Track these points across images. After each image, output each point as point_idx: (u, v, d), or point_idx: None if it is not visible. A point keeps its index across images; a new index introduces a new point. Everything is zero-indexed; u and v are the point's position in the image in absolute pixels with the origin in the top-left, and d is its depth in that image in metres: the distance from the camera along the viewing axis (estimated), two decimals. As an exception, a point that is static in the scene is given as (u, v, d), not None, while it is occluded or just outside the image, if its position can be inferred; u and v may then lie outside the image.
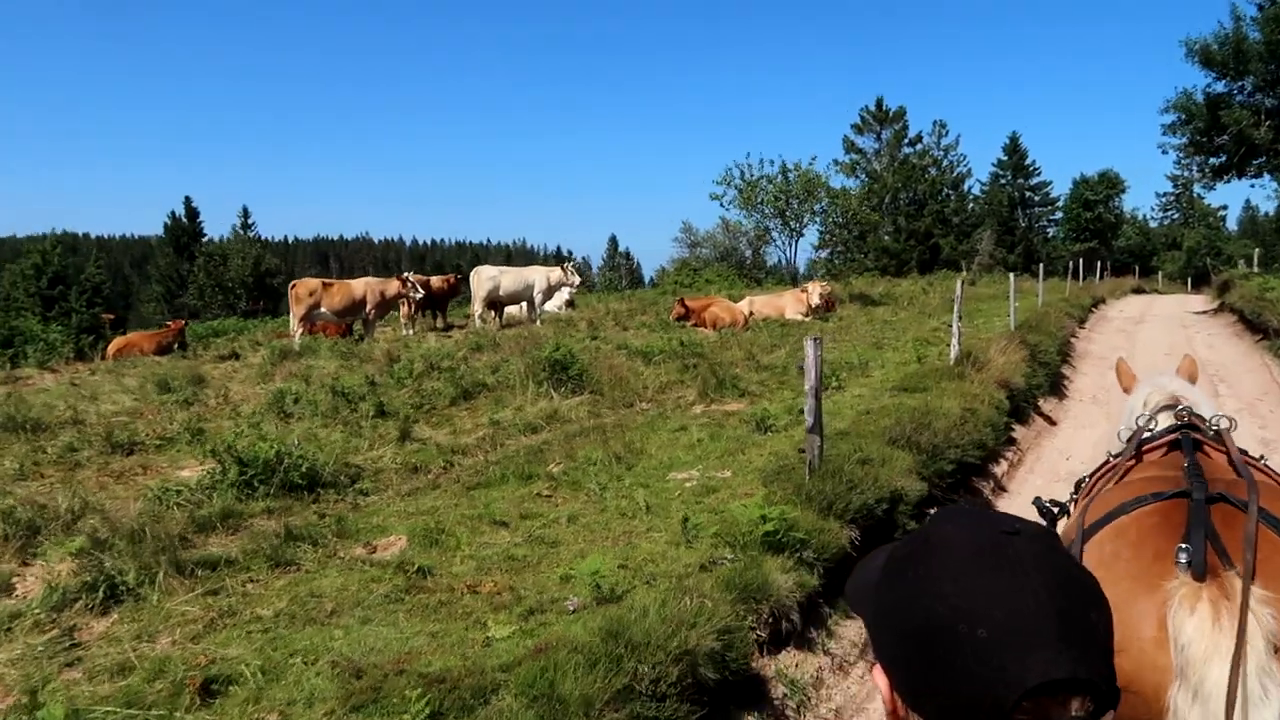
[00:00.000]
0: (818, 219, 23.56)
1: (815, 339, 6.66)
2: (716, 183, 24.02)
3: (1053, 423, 12.69)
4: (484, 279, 20.93)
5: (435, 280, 21.85)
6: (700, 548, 5.38)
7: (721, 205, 24.23)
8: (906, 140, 58.33)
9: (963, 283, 11.60)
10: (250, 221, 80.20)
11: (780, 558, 5.32)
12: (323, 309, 18.55)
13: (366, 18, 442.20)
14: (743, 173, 23.75)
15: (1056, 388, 14.29)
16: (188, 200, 59.91)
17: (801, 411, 9.88)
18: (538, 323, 20.99)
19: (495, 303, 21.37)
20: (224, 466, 7.17)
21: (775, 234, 24.47)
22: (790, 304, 20.15)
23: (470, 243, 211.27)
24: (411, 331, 20.52)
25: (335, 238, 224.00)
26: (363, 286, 19.02)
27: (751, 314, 20.29)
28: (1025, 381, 11.94)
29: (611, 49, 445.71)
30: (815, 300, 19.71)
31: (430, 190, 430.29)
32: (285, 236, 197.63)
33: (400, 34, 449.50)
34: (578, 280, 21.36)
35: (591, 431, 9.61)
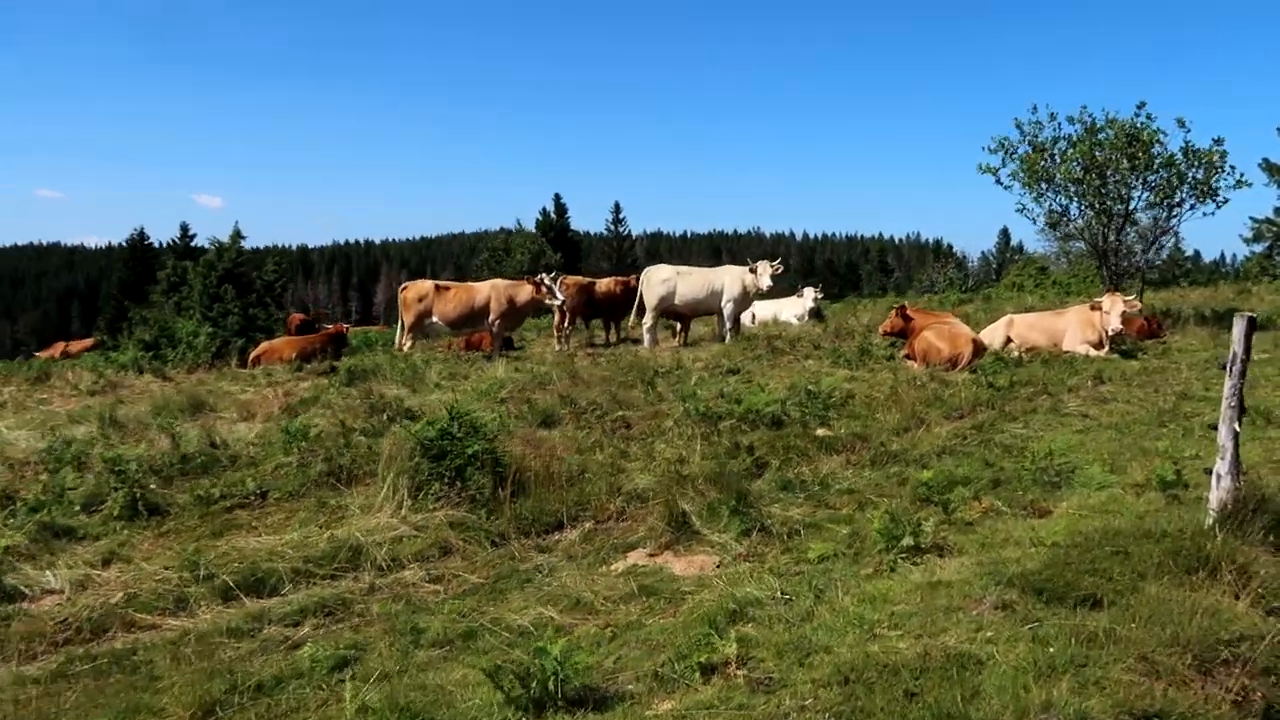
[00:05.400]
0: (1149, 193, 15.46)
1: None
2: (989, 150, 16.77)
3: None
4: (654, 283, 16.26)
5: (604, 284, 17.58)
6: None
7: (999, 182, 16.91)
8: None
9: (1249, 326, 4.83)
10: (621, 217, 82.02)
11: None
12: (434, 318, 15.20)
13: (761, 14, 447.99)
14: (1026, 133, 16.31)
15: None
16: (557, 197, 61.31)
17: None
18: (727, 339, 15.94)
19: (672, 312, 16.64)
20: None
21: (1080, 216, 16.55)
22: (1074, 328, 12.95)
23: (861, 236, 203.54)
24: (564, 346, 16.55)
25: (729, 231, 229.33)
26: (487, 290, 15.36)
27: (1009, 341, 13.48)
28: None
29: (1007, 27, 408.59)
30: (1114, 324, 12.39)
31: (821, 182, 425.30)
32: (685, 231, 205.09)
33: (790, 26, 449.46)
34: (768, 283, 15.83)
35: (344, 611, 4.89)
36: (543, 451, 7.20)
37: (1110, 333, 12.48)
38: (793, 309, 20.93)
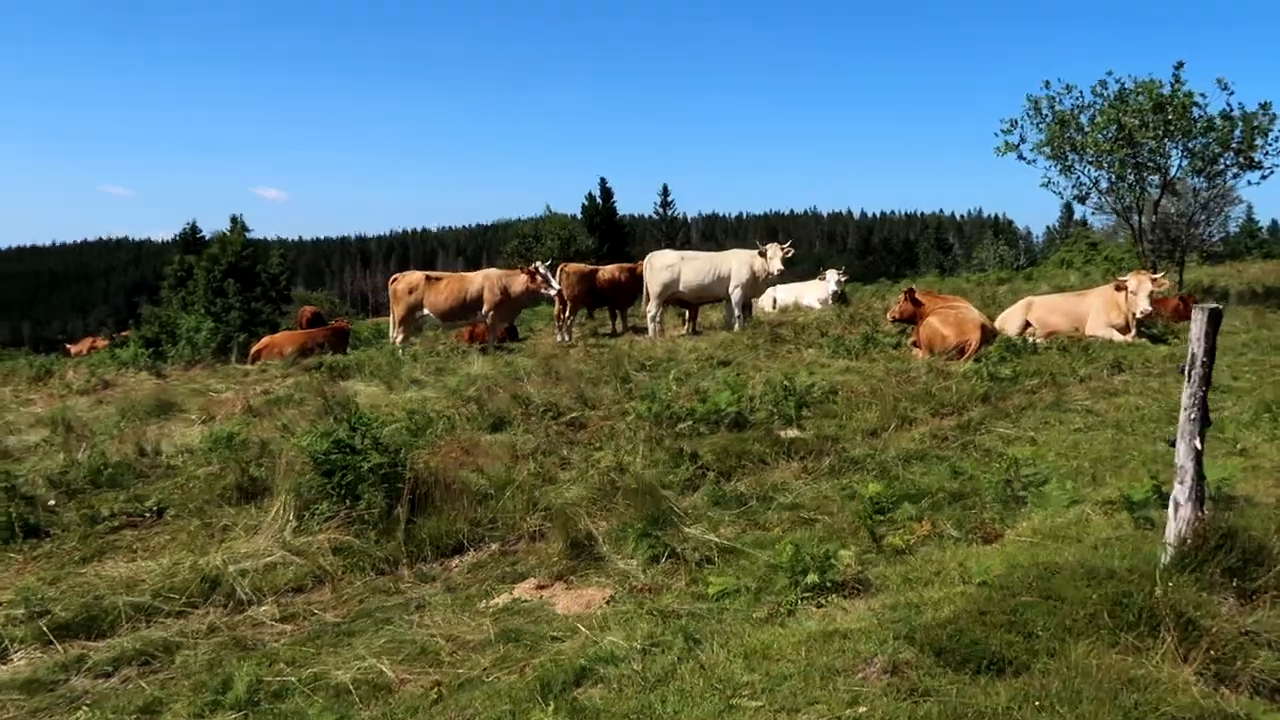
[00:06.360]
0: (1188, 158, 14.14)
1: None
2: (1004, 130, 15.72)
3: None
4: (657, 269, 15.53)
5: (607, 271, 16.86)
6: None
7: (1022, 159, 15.76)
8: None
9: (1212, 321, 3.94)
10: (669, 199, 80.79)
11: None
12: (426, 310, 14.68)
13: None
14: (1040, 105, 15.07)
15: None
16: (603, 181, 60.33)
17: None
18: (735, 326, 15.17)
19: (677, 300, 15.88)
20: None
21: (1113, 187, 15.28)
22: (1097, 311, 11.88)
23: (921, 214, 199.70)
24: (566, 336, 15.93)
25: (786, 212, 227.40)
26: (479, 280, 14.79)
27: (1028, 326, 12.45)
28: None
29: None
30: (1142, 305, 11.30)
31: (881, 160, 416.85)
32: (740, 212, 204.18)
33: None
34: (779, 267, 14.94)
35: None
36: (464, 461, 6.56)
37: (1138, 315, 11.39)
38: (815, 292, 20.04)
